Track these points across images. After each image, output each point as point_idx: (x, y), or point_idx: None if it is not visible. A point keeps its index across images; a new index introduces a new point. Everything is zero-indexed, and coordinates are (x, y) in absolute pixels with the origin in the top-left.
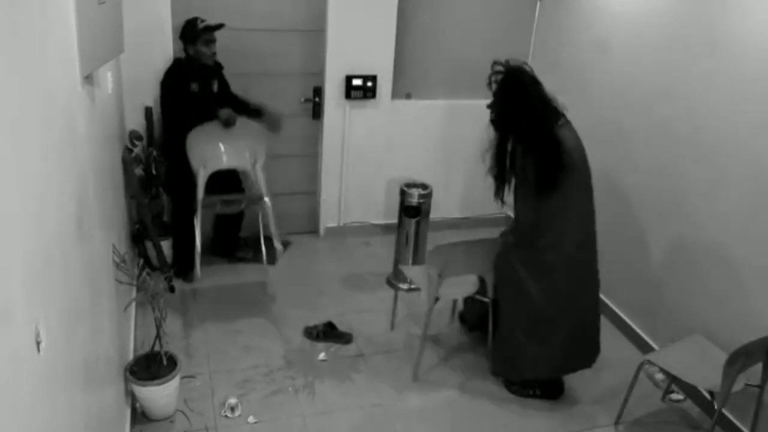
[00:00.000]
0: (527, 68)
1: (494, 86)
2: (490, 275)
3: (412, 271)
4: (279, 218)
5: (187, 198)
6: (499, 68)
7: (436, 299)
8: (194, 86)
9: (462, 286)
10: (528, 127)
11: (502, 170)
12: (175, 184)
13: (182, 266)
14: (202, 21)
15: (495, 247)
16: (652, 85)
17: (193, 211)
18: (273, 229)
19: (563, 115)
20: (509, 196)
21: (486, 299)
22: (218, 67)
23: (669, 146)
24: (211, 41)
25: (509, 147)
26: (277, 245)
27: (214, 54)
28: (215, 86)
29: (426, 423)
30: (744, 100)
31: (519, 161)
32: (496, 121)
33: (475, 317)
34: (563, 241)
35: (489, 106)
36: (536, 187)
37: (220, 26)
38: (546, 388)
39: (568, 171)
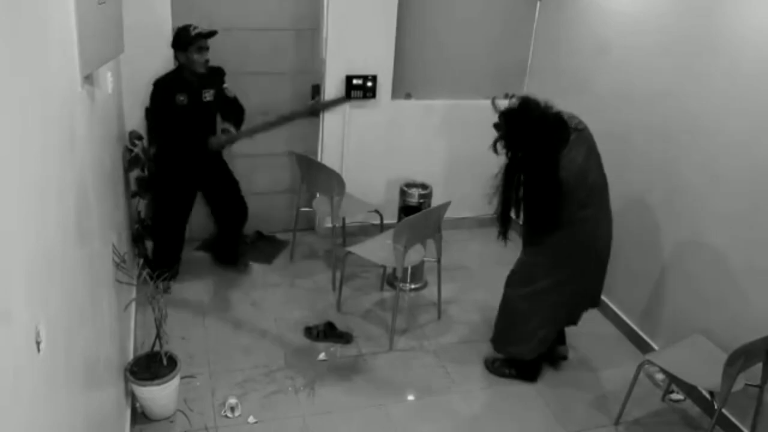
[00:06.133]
0: (532, 98)
1: (502, 122)
2: (437, 236)
3: (370, 247)
4: (279, 218)
5: (172, 202)
6: (504, 102)
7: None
8: (182, 98)
9: (417, 254)
10: (534, 160)
11: (507, 208)
12: (161, 187)
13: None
14: (195, 28)
15: (437, 213)
16: (651, 85)
17: (179, 216)
18: None
19: (575, 130)
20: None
21: (432, 259)
22: (216, 74)
23: (668, 147)
24: (204, 48)
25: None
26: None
27: (207, 61)
28: (208, 95)
29: (426, 423)
30: (743, 101)
31: (532, 185)
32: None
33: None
34: (561, 241)
35: (495, 125)
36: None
37: (213, 33)
38: (522, 370)
39: (564, 197)
